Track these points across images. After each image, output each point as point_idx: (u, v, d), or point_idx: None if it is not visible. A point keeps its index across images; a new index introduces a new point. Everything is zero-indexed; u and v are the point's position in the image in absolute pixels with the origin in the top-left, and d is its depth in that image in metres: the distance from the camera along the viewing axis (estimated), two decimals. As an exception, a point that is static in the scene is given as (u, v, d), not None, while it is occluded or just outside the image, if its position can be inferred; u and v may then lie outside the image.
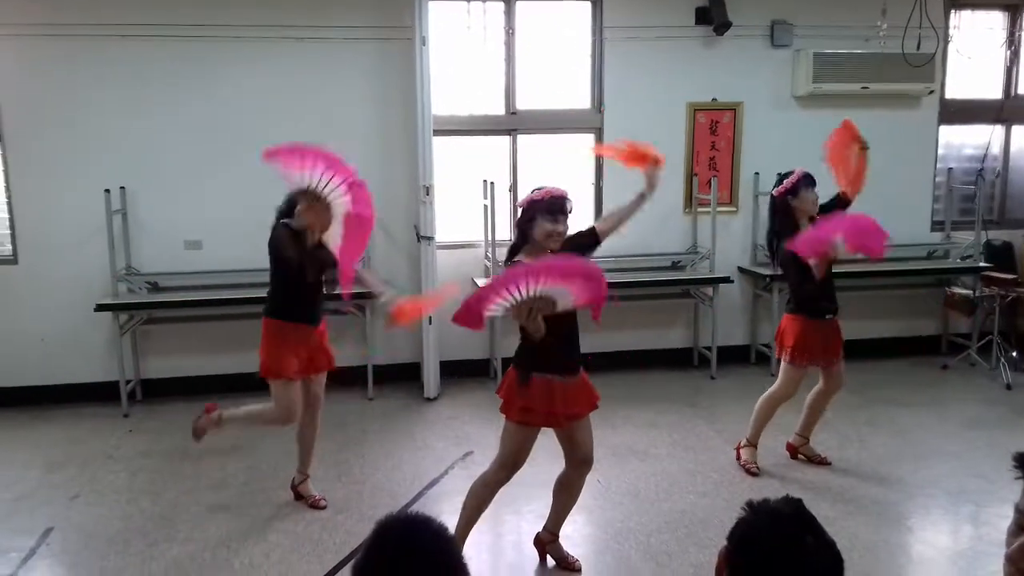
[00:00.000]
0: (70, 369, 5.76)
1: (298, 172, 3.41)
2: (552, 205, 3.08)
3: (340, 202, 3.48)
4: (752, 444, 4.46)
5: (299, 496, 4.12)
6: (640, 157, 3.48)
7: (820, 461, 4.50)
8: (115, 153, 5.64)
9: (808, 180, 4.21)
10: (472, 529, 3.35)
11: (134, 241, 5.75)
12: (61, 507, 4.12)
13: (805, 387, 4.42)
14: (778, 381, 4.37)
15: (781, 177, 4.30)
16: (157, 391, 5.85)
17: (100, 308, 5.45)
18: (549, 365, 3.14)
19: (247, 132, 5.71)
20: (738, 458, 4.48)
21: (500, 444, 3.26)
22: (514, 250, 3.22)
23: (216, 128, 5.73)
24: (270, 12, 5.67)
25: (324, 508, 4.03)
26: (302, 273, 3.67)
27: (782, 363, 4.35)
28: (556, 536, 3.52)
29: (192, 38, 5.61)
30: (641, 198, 3.40)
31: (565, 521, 3.52)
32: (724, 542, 1.36)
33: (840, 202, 4.39)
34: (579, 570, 3.46)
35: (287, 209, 3.73)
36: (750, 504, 1.36)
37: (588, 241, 3.33)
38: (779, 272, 4.59)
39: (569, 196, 3.15)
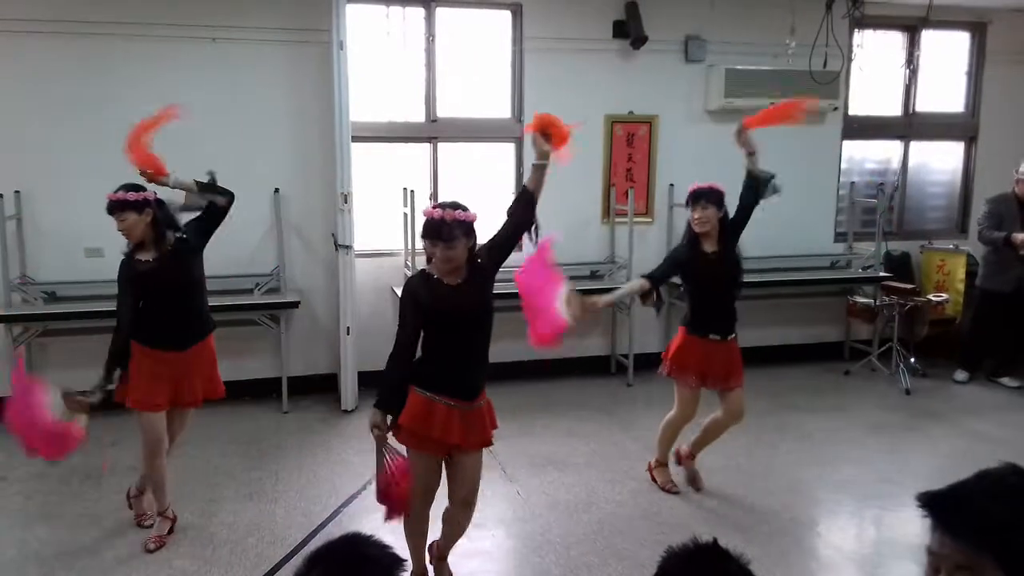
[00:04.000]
0: (-43, 384, 5.38)
1: None
2: (426, 229, 2.88)
3: None
4: (662, 464, 4.45)
5: (132, 507, 3.97)
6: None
7: (693, 482, 4.41)
8: (9, 155, 5.31)
9: (694, 198, 4.07)
10: (423, 553, 3.33)
11: (30, 248, 5.43)
12: (-54, 535, 3.85)
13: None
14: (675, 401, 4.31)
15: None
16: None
17: (-8, 321, 5.13)
18: (435, 383, 2.98)
19: (154, 135, 5.48)
20: (653, 480, 4.45)
21: None
22: (428, 262, 3.01)
23: (121, 130, 5.42)
24: (182, 9, 5.45)
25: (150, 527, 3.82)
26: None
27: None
28: (443, 555, 3.41)
29: (96, 35, 5.34)
30: (540, 169, 3.21)
31: (454, 545, 3.40)
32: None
33: (750, 183, 4.12)
34: None
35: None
36: (669, 549, 1.40)
37: (505, 235, 3.07)
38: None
39: (451, 217, 2.84)
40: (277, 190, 5.74)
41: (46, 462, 3.71)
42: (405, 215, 5.79)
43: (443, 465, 3.14)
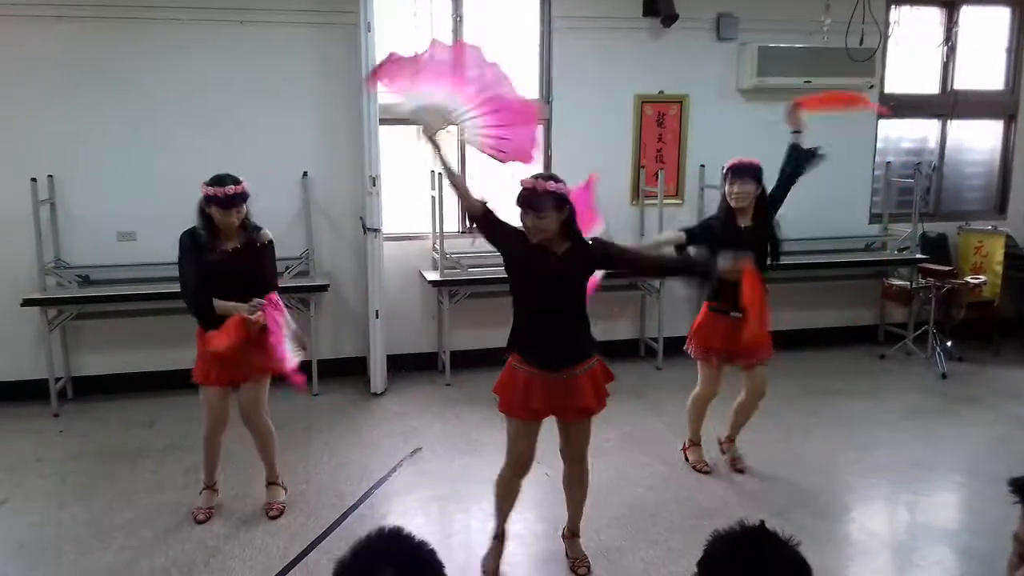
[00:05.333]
0: (-5, 367, 5.49)
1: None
2: (520, 199, 2.98)
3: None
4: (695, 443, 4.45)
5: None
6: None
7: (734, 464, 4.40)
8: (43, 140, 5.37)
9: (733, 171, 4.05)
10: (507, 520, 3.38)
11: (63, 233, 5.49)
12: (-14, 514, 3.92)
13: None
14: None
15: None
16: (89, 389, 5.61)
17: (27, 303, 5.20)
18: (521, 351, 3.11)
19: (184, 119, 5.52)
20: (686, 459, 4.46)
21: None
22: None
23: (151, 115, 5.50)
24: (209, -6, 5.45)
25: (275, 518, 3.88)
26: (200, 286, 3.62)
27: None
28: (574, 534, 3.49)
29: (126, 19, 5.35)
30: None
31: (580, 517, 3.46)
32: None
33: (795, 156, 4.11)
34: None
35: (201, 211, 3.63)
36: (716, 533, 1.37)
37: (625, 258, 3.26)
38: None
39: (542, 188, 2.93)
40: (305, 174, 5.75)
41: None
42: (433, 198, 5.77)
43: (535, 437, 3.24)
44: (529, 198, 2.94)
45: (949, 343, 6.35)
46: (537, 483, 4.19)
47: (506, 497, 3.35)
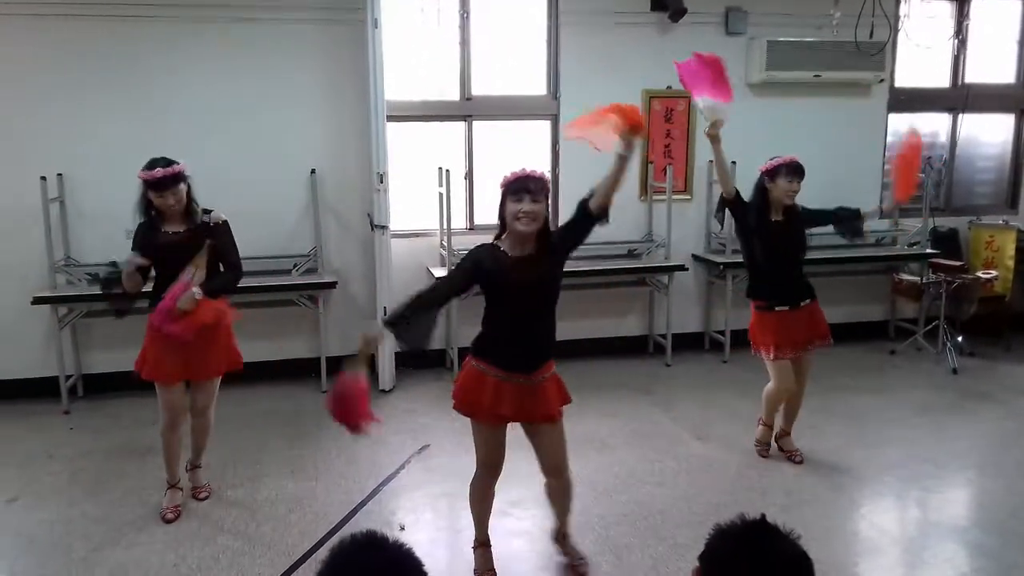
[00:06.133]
0: (6, 365, 5.52)
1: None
2: (515, 184, 2.98)
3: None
4: (767, 425, 4.50)
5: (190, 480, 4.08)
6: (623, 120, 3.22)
7: (792, 457, 4.45)
8: (52, 139, 5.39)
9: (790, 169, 4.10)
10: (486, 525, 3.37)
11: (73, 231, 5.51)
12: (-2, 511, 3.95)
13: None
14: None
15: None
16: (99, 386, 5.64)
17: (37, 301, 5.23)
18: (490, 355, 3.05)
19: (192, 116, 5.53)
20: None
21: None
22: (497, 237, 3.08)
23: (160, 112, 5.52)
24: (216, -8, 5.46)
25: (204, 499, 3.96)
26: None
27: None
28: (566, 536, 3.46)
29: (135, 18, 5.37)
30: (622, 160, 2.97)
31: (567, 521, 3.43)
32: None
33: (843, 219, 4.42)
34: (583, 573, 3.38)
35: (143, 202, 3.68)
36: (717, 527, 1.38)
37: (580, 225, 3.06)
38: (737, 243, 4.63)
39: (537, 174, 3.00)
40: (313, 171, 5.75)
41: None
42: (440, 194, 5.76)
43: (503, 440, 3.19)
44: (526, 181, 2.96)
45: (960, 338, 6.31)
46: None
47: (483, 502, 3.33)
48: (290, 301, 5.65)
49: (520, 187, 2.96)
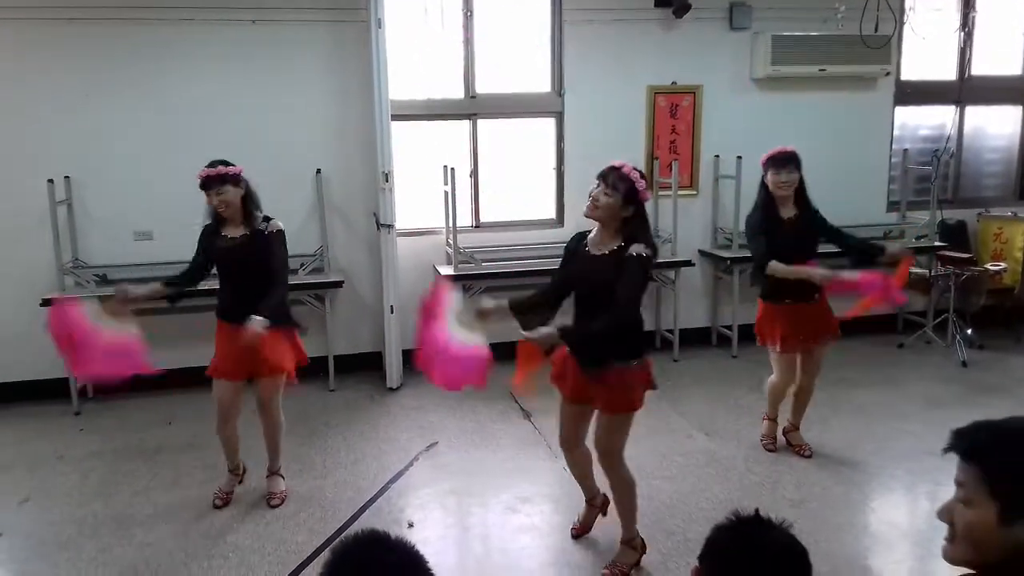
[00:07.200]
0: (16, 366, 5.54)
1: None
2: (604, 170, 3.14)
3: None
4: (771, 419, 4.53)
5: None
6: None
7: (800, 451, 4.45)
8: (59, 142, 5.41)
9: (776, 162, 4.10)
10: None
11: (81, 233, 5.54)
12: (9, 512, 3.96)
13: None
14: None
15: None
16: (109, 388, 5.64)
17: (46, 303, 5.24)
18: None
19: (199, 118, 5.55)
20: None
21: None
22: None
23: (166, 114, 5.53)
24: (220, -7, 5.47)
25: (276, 507, 3.93)
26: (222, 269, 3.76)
27: None
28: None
29: (141, 20, 5.39)
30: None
31: (625, 521, 3.41)
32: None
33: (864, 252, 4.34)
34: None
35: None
36: (717, 525, 1.43)
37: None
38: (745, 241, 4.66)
39: (618, 165, 3.13)
40: (319, 171, 5.76)
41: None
42: (446, 193, 5.77)
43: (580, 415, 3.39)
44: (607, 172, 3.11)
45: (969, 331, 6.28)
46: (553, 475, 4.20)
47: (574, 467, 3.56)
48: (297, 300, 5.64)
49: (602, 174, 3.11)
